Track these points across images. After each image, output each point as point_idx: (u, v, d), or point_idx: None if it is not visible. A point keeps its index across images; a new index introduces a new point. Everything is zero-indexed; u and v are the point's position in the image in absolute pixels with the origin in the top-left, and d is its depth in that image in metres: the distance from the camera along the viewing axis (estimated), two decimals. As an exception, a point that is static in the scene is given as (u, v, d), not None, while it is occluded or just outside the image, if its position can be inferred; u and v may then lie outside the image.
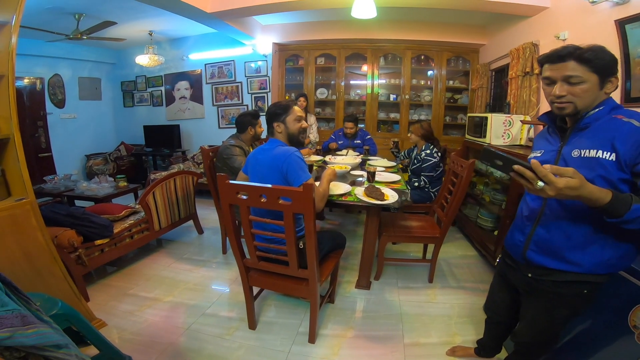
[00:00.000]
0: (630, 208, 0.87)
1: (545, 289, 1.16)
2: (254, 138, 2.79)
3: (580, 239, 1.05)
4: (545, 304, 1.19)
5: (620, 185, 0.95)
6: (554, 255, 1.10)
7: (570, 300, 1.14)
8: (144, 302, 2.22)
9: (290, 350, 1.79)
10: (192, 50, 5.52)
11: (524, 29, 3.47)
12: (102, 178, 3.69)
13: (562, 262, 1.09)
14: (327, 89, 5.33)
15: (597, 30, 2.39)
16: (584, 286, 1.09)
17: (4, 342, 0.82)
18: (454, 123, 5.07)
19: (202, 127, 5.83)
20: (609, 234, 1.02)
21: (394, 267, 2.72)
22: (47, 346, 0.94)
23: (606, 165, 0.95)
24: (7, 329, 0.82)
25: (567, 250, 1.07)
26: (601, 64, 0.97)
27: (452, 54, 4.83)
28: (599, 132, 1.00)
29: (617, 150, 0.94)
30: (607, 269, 1.06)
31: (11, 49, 1.37)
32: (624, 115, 0.97)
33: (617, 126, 0.96)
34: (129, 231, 2.58)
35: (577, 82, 0.99)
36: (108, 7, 3.74)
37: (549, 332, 1.24)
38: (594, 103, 1.02)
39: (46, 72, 5.05)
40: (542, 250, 1.13)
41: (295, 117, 1.80)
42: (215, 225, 3.56)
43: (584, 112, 1.04)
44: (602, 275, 1.08)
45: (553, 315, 1.19)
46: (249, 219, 1.61)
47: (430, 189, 3.06)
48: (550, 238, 1.11)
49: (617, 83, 1.00)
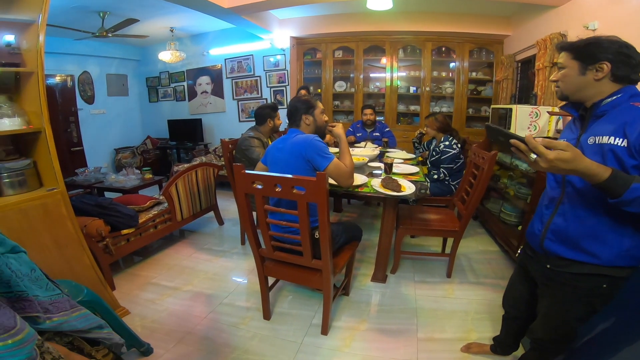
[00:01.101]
0: (630, 187, 0.85)
1: (563, 281, 1.14)
2: (272, 130, 2.82)
3: (597, 228, 1.03)
4: (561, 298, 1.17)
5: (633, 172, 0.93)
6: (571, 244, 1.09)
7: (588, 295, 1.11)
8: (165, 291, 2.31)
9: (303, 341, 1.82)
10: (212, 45, 5.61)
11: (551, 18, 3.30)
12: (129, 170, 3.85)
13: (579, 252, 1.07)
14: (346, 81, 5.29)
15: (628, 20, 2.27)
16: (603, 280, 1.06)
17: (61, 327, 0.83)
18: (477, 115, 4.91)
19: (223, 120, 5.95)
20: (626, 223, 0.99)
21: (411, 261, 2.69)
22: (92, 328, 0.98)
23: (617, 151, 0.95)
24: (62, 312, 0.84)
25: (584, 239, 1.06)
26: (581, 50, 1.03)
27: (475, 45, 4.66)
28: (614, 118, 0.99)
29: (627, 136, 0.93)
30: (628, 261, 1.03)
31: (39, 46, 1.44)
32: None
33: (631, 113, 0.96)
34: (153, 221, 2.69)
35: (561, 68, 1.09)
36: (130, 5, 3.86)
37: (564, 329, 1.22)
38: (583, 90, 1.06)
39: (76, 70, 5.29)
40: (560, 239, 1.12)
41: (321, 110, 1.93)
42: (235, 216, 3.64)
43: (572, 98, 1.10)
44: (623, 269, 1.04)
45: (569, 310, 1.17)
46: (263, 208, 1.63)
47: (451, 181, 2.98)
48: (567, 227, 1.10)
49: (607, 70, 0.99)
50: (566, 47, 1.08)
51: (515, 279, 1.50)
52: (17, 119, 1.59)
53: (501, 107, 3.34)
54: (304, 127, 1.89)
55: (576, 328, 1.22)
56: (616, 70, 1.00)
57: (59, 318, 0.83)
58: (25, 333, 0.64)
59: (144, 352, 1.66)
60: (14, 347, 0.61)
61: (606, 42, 1.01)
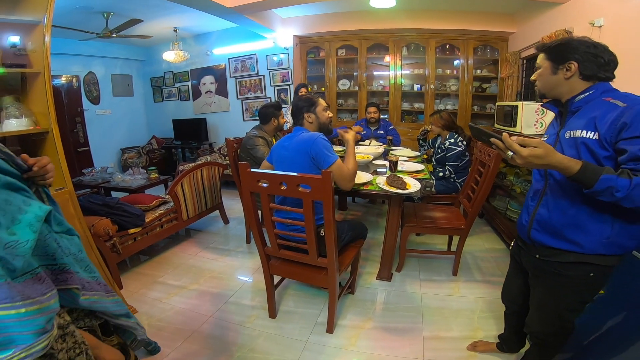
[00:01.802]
0: (599, 178, 0.91)
1: (552, 270, 1.17)
2: (276, 129, 2.82)
3: (577, 218, 1.08)
4: (551, 288, 1.21)
5: (606, 162, 0.99)
6: (554, 234, 1.14)
7: (576, 284, 1.14)
8: (171, 289, 2.33)
9: (308, 339, 1.82)
10: (216, 45, 5.63)
11: (556, 15, 3.26)
12: (135, 170, 3.88)
13: (563, 241, 1.12)
14: (350, 80, 5.27)
15: (634, 16, 2.24)
16: (589, 269, 1.10)
17: (94, 306, 0.85)
18: (482, 112, 4.87)
19: (227, 119, 5.97)
20: (605, 211, 1.03)
21: (417, 259, 2.68)
22: (122, 315, 1.01)
23: (589, 143, 1.02)
24: (95, 292, 0.86)
25: (566, 228, 1.11)
26: (552, 51, 1.11)
27: (479, 42, 4.61)
28: (586, 113, 1.06)
29: (598, 129, 1.00)
30: (611, 249, 1.06)
31: (45, 47, 1.46)
32: (612, 97, 1.03)
33: (602, 107, 1.02)
34: (159, 220, 2.71)
35: (538, 68, 1.17)
36: (134, 6, 3.88)
37: (557, 320, 1.24)
38: (556, 88, 1.13)
39: (81, 70, 5.33)
40: (544, 229, 1.17)
41: (323, 107, 1.92)
42: (240, 215, 3.65)
43: (549, 96, 1.18)
44: (607, 257, 1.07)
45: (559, 300, 1.20)
46: (269, 206, 1.64)
47: (456, 179, 2.97)
48: (550, 217, 1.15)
49: (575, 69, 1.06)
50: (541, 48, 1.16)
51: (511, 273, 1.52)
52: (24, 120, 1.61)
53: (506, 104, 3.31)
54: (308, 125, 1.89)
55: (571, 320, 1.24)
56: (583, 69, 1.06)
57: (95, 297, 0.85)
58: (45, 305, 0.63)
59: (151, 350, 1.67)
60: (26, 316, 0.59)
61: (575, 43, 1.08)
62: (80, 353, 0.71)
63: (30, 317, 0.60)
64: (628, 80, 2.35)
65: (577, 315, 1.23)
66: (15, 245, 0.60)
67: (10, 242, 0.60)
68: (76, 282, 0.79)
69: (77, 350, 0.71)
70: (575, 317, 1.24)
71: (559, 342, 1.32)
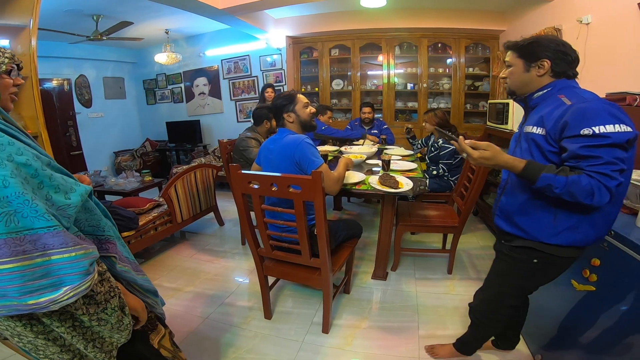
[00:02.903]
0: (539, 177, 1.00)
1: (505, 252, 1.28)
2: (269, 131, 2.81)
3: (526, 206, 1.17)
4: (500, 269, 1.33)
5: (551, 157, 1.07)
6: (508, 219, 1.24)
7: (520, 267, 1.24)
8: (167, 292, 2.31)
9: (304, 339, 1.82)
10: (208, 46, 5.60)
11: (545, 13, 3.29)
12: (129, 173, 3.85)
13: (513, 227, 1.22)
14: (343, 80, 5.28)
15: (621, 14, 2.27)
16: (533, 254, 1.18)
17: (125, 275, 0.96)
18: (475, 110, 4.90)
19: (221, 121, 5.94)
20: (550, 202, 1.10)
21: (412, 258, 2.69)
22: (149, 292, 1.09)
23: (537, 139, 1.09)
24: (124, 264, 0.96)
25: (516, 214, 1.20)
26: (524, 49, 1.14)
27: (471, 40, 4.64)
28: (541, 110, 1.12)
29: (545, 125, 1.07)
30: (552, 238, 1.12)
31: (32, 51, 1.44)
32: (565, 95, 1.06)
33: (553, 104, 1.08)
34: (153, 223, 2.69)
35: (509, 66, 1.19)
36: (124, 8, 3.84)
37: (496, 300, 1.35)
38: (528, 85, 1.16)
39: (72, 73, 5.27)
40: (503, 215, 1.27)
41: (303, 104, 1.82)
42: (235, 217, 3.64)
43: (520, 93, 1.21)
44: (550, 246, 1.13)
45: (503, 280, 1.31)
46: (261, 207, 1.63)
47: (450, 177, 2.98)
48: (507, 204, 1.25)
49: (548, 66, 1.10)
50: (511, 46, 1.18)
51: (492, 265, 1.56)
52: (13, 124, 1.59)
53: (498, 102, 3.34)
54: (290, 125, 1.81)
55: (507, 305, 1.34)
56: (555, 66, 1.10)
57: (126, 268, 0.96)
58: (89, 251, 0.74)
59: None
60: (76, 259, 0.70)
61: (545, 41, 1.11)
62: (114, 296, 0.82)
63: (78, 260, 0.70)
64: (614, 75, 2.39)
65: (515, 301, 1.33)
66: (66, 208, 0.74)
67: (63, 205, 0.73)
68: (116, 252, 0.92)
69: (112, 294, 0.82)
70: (513, 303, 1.33)
71: (492, 326, 1.44)
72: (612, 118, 0.95)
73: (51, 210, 0.70)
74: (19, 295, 0.65)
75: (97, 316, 0.78)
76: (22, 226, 0.65)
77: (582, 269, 1.35)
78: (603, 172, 0.94)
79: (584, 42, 2.66)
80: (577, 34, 2.73)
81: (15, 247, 0.64)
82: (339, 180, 1.78)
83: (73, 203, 0.75)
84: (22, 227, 0.65)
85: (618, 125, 0.94)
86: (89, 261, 0.73)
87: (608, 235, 1.24)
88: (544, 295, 1.63)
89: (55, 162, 0.81)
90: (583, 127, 0.96)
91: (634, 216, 1.30)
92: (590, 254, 1.32)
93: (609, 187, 0.94)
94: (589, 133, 0.95)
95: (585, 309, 1.34)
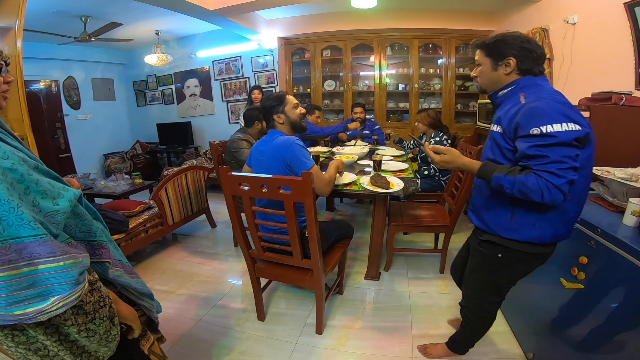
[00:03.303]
0: (491, 178, 1.06)
1: (476, 247, 1.32)
2: (260, 132, 2.80)
3: (489, 200, 1.22)
4: (474, 264, 1.36)
5: (508, 154, 1.11)
6: (476, 214, 1.29)
7: (488, 262, 1.27)
8: (158, 295, 2.26)
9: (298, 340, 1.82)
10: (199, 47, 5.56)
11: (533, 14, 3.36)
12: (119, 176, 3.80)
13: (480, 221, 1.27)
14: (335, 80, 5.29)
15: (607, 13, 2.32)
16: (497, 249, 1.22)
17: (119, 280, 0.94)
18: (465, 110, 4.95)
19: (213, 123, 5.90)
20: (508, 199, 1.14)
21: (405, 258, 2.70)
22: (145, 295, 1.07)
23: (495, 137, 1.14)
24: (117, 268, 0.95)
25: (481, 209, 1.26)
26: (490, 48, 1.15)
27: (461, 41, 4.70)
28: (503, 108, 1.15)
29: (502, 123, 1.11)
30: (509, 233, 1.16)
31: (17, 52, 1.41)
32: (525, 93, 1.08)
33: (511, 102, 1.11)
34: (143, 226, 2.66)
35: (478, 65, 1.21)
36: (113, 9, 3.79)
37: (477, 297, 1.38)
38: (497, 83, 1.18)
39: (60, 75, 5.19)
40: (473, 209, 1.32)
41: (292, 105, 1.80)
42: (227, 218, 3.60)
43: (488, 90, 1.23)
44: (508, 240, 1.17)
45: (477, 276, 1.35)
46: (251, 209, 1.63)
47: (441, 177, 3.01)
48: (475, 199, 1.30)
49: (514, 64, 1.11)
50: (479, 45, 1.19)
51: (461, 249, 1.64)
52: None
53: (488, 102, 3.38)
54: (280, 127, 1.80)
55: (489, 300, 1.37)
56: (521, 64, 1.10)
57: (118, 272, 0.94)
58: (79, 260, 0.71)
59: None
60: (64, 269, 0.68)
61: (510, 38, 1.11)
62: (103, 306, 0.80)
63: (67, 269, 0.68)
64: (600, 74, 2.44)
65: (494, 298, 1.36)
66: (54, 215, 0.72)
67: (51, 212, 0.71)
68: (109, 257, 0.91)
69: (102, 304, 0.79)
70: (493, 299, 1.36)
71: (480, 324, 1.45)
72: (562, 117, 0.96)
73: (38, 217, 0.69)
74: (5, 305, 0.64)
75: (85, 326, 0.76)
76: (8, 235, 0.64)
77: (570, 267, 1.37)
78: (550, 170, 0.96)
79: (570, 42, 2.72)
80: (563, 34, 2.78)
81: (0, 256, 0.63)
82: (329, 182, 1.78)
83: (61, 209, 0.73)
84: (7, 235, 0.64)
85: (566, 124, 0.95)
86: (79, 270, 0.71)
87: (595, 233, 1.27)
88: (534, 294, 1.66)
89: (43, 165, 0.79)
90: (532, 127, 0.98)
91: (621, 214, 1.32)
92: (578, 252, 1.34)
93: (557, 185, 0.95)
94: (537, 132, 0.97)
95: (575, 307, 1.36)
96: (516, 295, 1.87)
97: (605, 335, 1.20)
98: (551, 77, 3.02)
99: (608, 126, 1.86)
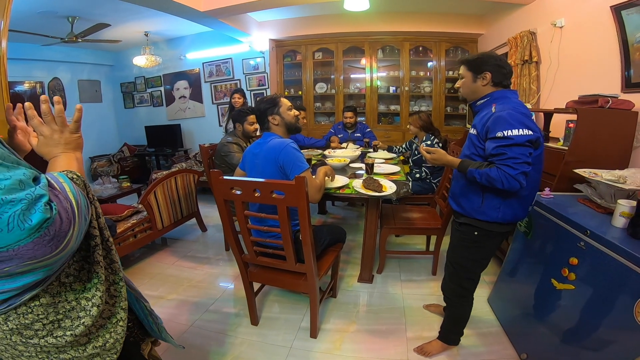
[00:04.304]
0: (467, 171, 1.35)
1: (455, 228, 1.58)
2: (243, 135, 2.75)
3: (464, 188, 1.47)
4: (453, 242, 1.60)
5: (480, 152, 1.38)
6: (455, 200, 1.55)
7: (466, 239, 1.50)
8: (149, 300, 2.22)
9: (292, 345, 1.80)
10: (189, 49, 5.50)
11: (520, 17, 3.42)
12: (106, 179, 3.73)
13: (458, 206, 1.52)
14: (326, 83, 5.30)
15: (593, 17, 2.36)
16: (473, 229, 1.47)
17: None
18: (455, 113, 5.02)
19: (203, 125, 5.84)
20: (479, 187, 1.40)
21: (397, 260, 2.71)
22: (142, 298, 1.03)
23: (472, 138, 1.42)
24: None
25: (459, 196, 1.51)
26: (472, 63, 1.42)
27: (451, 44, 4.77)
28: (479, 114, 1.41)
29: (477, 127, 1.38)
30: (481, 215, 1.42)
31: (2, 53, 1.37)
32: (497, 104, 1.33)
33: (485, 110, 1.37)
34: (132, 230, 2.60)
35: (462, 78, 1.48)
36: (101, 10, 3.72)
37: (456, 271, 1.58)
38: (476, 93, 1.44)
39: (45, 76, 5.07)
40: (453, 196, 1.57)
41: (287, 106, 1.83)
42: (218, 222, 3.57)
43: (469, 99, 1.49)
44: (480, 222, 1.43)
45: (456, 253, 1.57)
46: (244, 214, 1.61)
47: (432, 179, 3.03)
48: (454, 187, 1.56)
49: (489, 77, 1.37)
50: (463, 61, 1.46)
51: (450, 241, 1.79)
52: (-20, 130, 1.50)
53: (478, 105, 3.43)
54: (275, 129, 1.81)
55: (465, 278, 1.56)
56: (495, 77, 1.37)
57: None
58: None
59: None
60: None
61: (487, 57, 1.40)
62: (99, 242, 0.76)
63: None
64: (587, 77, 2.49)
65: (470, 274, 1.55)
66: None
67: None
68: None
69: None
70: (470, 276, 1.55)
71: (461, 304, 1.61)
72: (518, 124, 1.24)
73: None
74: None
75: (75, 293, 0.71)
76: None
77: (561, 269, 1.40)
78: (508, 164, 1.24)
79: (557, 45, 2.77)
80: (551, 37, 2.83)
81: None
82: (320, 188, 1.77)
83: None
84: None
85: (521, 130, 1.23)
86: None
87: (584, 235, 1.29)
88: (526, 295, 1.68)
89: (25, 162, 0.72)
90: (497, 131, 1.26)
91: (609, 215, 1.35)
92: (568, 254, 1.36)
93: (513, 175, 1.23)
94: (500, 135, 1.25)
95: (567, 308, 1.38)
96: (509, 297, 1.91)
97: (597, 335, 1.22)
98: (538, 80, 3.08)
99: (595, 129, 1.90)
